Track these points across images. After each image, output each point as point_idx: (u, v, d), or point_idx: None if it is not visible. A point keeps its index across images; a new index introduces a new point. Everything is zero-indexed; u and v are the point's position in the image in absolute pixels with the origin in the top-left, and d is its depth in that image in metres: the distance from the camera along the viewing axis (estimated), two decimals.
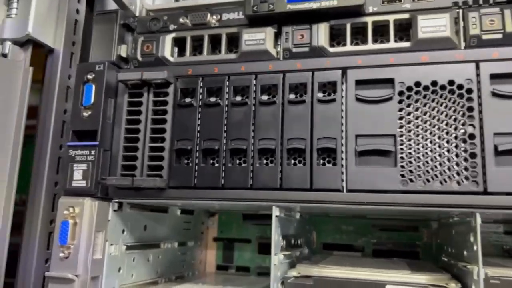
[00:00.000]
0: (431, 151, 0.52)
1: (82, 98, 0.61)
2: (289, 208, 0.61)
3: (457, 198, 0.50)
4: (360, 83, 0.55)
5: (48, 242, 0.63)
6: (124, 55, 0.65)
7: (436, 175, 0.51)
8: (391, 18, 0.57)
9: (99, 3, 0.76)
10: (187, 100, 0.61)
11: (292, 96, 0.58)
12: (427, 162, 0.52)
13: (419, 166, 0.52)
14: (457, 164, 0.51)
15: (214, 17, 0.63)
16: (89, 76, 0.62)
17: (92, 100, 0.61)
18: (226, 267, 0.94)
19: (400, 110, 0.53)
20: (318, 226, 0.89)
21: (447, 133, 0.52)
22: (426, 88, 0.53)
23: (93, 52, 0.65)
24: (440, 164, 0.51)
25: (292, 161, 0.56)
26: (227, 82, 0.60)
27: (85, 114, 0.61)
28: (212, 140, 0.59)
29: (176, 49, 0.65)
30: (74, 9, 0.69)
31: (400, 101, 0.54)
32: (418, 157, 0.52)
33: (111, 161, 0.61)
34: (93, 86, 0.61)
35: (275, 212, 0.56)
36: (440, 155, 0.52)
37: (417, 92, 0.53)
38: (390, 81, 0.54)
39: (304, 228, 0.80)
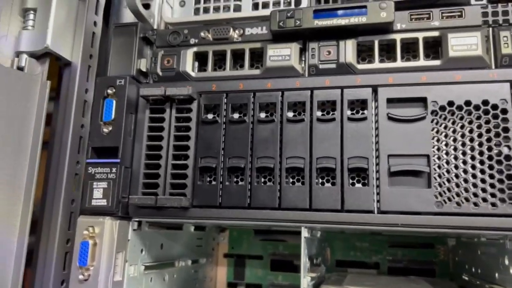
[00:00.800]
0: (465, 172, 0.51)
1: (102, 113, 0.59)
2: (314, 228, 0.60)
3: (493, 220, 0.49)
4: (391, 101, 0.54)
5: (64, 262, 0.61)
6: (143, 69, 0.63)
7: (470, 197, 0.50)
8: (420, 35, 0.56)
9: (115, 16, 0.75)
10: (210, 116, 0.60)
11: (319, 114, 0.56)
12: (461, 183, 0.51)
13: (453, 187, 0.51)
14: (492, 186, 0.50)
15: (237, 31, 0.62)
16: (110, 91, 0.60)
17: (113, 116, 0.59)
18: (236, 284, 0.92)
19: (433, 129, 0.53)
20: (332, 243, 0.88)
21: (481, 153, 0.51)
22: (459, 107, 0.52)
23: (111, 65, 0.63)
24: (475, 186, 0.50)
25: (321, 181, 0.55)
26: (253, 99, 0.58)
27: (105, 130, 0.59)
28: (237, 157, 0.57)
29: (196, 64, 0.64)
30: (91, 22, 0.67)
31: (433, 121, 0.53)
32: (452, 178, 0.51)
33: (131, 179, 0.59)
34: (114, 101, 0.59)
35: (304, 233, 0.55)
36: (474, 176, 0.51)
37: (450, 112, 0.53)
38: (422, 100, 0.53)
39: (321, 246, 0.78)
